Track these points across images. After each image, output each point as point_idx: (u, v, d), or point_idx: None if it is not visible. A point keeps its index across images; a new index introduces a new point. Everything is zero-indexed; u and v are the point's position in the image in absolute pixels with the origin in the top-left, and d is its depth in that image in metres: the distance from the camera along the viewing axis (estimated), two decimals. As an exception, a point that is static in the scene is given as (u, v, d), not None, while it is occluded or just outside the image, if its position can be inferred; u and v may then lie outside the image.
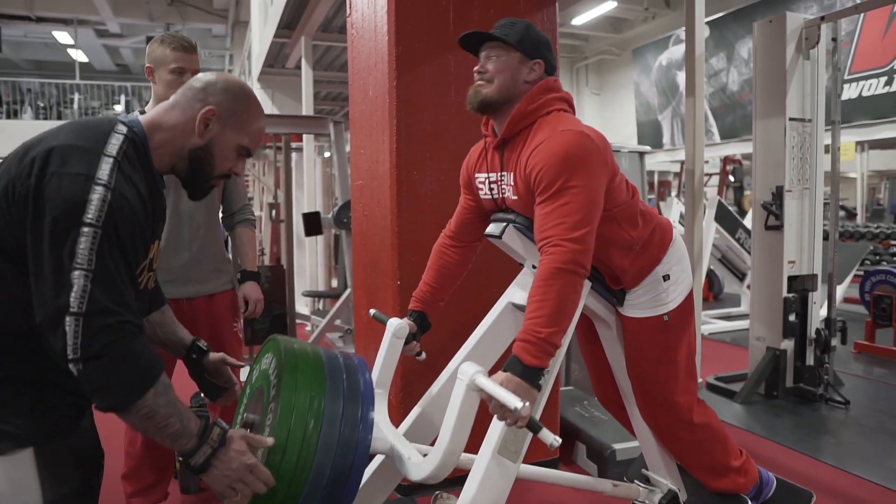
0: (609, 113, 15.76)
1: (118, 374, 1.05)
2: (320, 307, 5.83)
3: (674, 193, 10.78)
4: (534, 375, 1.41)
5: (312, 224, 4.68)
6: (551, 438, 1.32)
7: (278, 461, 1.20)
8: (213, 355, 1.49)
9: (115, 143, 1.13)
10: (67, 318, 1.01)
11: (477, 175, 1.79)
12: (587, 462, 2.74)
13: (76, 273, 1.02)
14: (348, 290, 4.78)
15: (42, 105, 15.21)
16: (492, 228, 1.75)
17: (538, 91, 1.64)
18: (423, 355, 1.90)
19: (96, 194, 1.05)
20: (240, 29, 14.72)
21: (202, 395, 2.97)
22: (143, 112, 2.22)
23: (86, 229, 1.03)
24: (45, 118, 14.96)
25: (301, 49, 5.88)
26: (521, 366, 1.41)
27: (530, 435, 1.56)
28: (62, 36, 15.33)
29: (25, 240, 1.06)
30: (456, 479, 2.21)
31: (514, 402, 1.29)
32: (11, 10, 13.36)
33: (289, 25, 6.11)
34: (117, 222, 1.06)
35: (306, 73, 5.77)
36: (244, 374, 2.18)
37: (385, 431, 1.60)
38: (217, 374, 1.52)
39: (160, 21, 14.41)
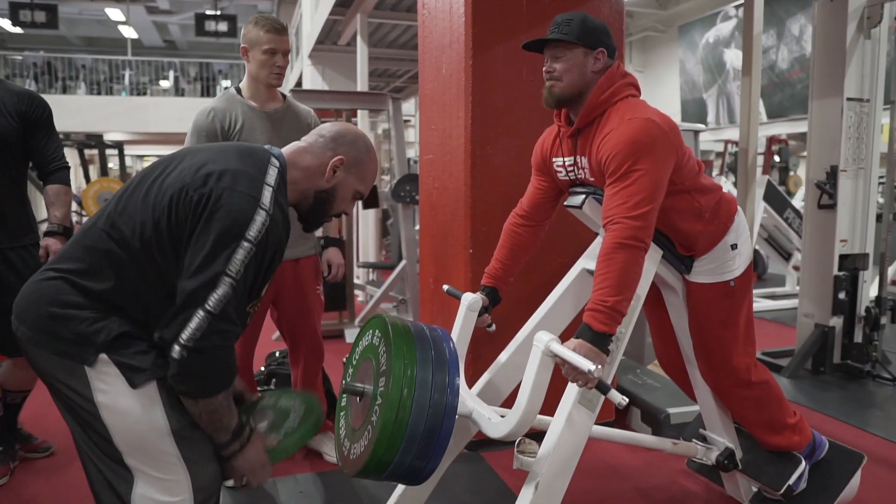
0: (653, 91, 15.56)
1: (208, 372, 1.24)
2: (373, 278, 6.05)
3: (715, 172, 10.70)
4: (603, 341, 1.55)
5: (370, 197, 4.86)
6: (619, 398, 1.46)
7: (381, 421, 1.40)
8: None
9: (272, 175, 1.32)
10: (199, 312, 1.19)
11: (554, 159, 1.91)
12: (641, 425, 2.89)
13: (226, 280, 1.20)
14: (403, 262, 4.97)
15: (88, 80, 15.68)
16: (572, 200, 1.89)
17: (606, 81, 1.74)
18: (494, 327, 2.05)
19: (259, 216, 1.24)
20: (285, 5, 14.90)
21: (276, 353, 3.19)
22: (238, 89, 2.42)
23: (246, 244, 1.21)
24: (98, 93, 15.45)
25: (356, 26, 6.02)
26: (591, 332, 1.55)
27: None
28: (114, 13, 15.74)
29: (183, 234, 1.24)
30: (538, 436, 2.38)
31: (586, 364, 1.44)
32: (68, -12, 13.77)
33: (343, 3, 6.25)
34: (268, 244, 1.25)
35: (362, 51, 5.92)
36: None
37: (465, 395, 1.77)
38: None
39: (208, -3, 14.68)
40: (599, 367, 1.45)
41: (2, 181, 2.36)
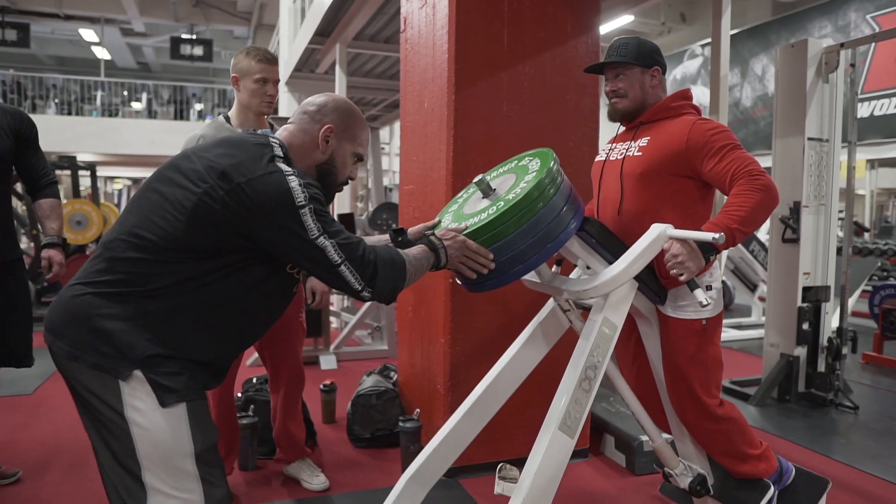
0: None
1: (392, 277, 1.42)
2: (348, 304, 6.06)
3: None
4: (709, 249, 1.74)
5: (347, 225, 4.91)
6: (703, 297, 1.68)
7: (522, 194, 1.58)
8: (414, 228, 1.79)
9: (277, 147, 1.39)
10: (341, 268, 1.35)
11: (604, 146, 2.17)
12: (615, 453, 2.95)
13: (319, 240, 1.32)
14: (379, 289, 4.99)
15: (59, 100, 15.51)
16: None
17: (679, 95, 2.03)
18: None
19: (293, 181, 1.31)
20: (262, 32, 15.01)
21: (254, 379, 3.18)
22: (227, 117, 2.46)
23: (303, 210, 1.30)
24: (68, 113, 15.26)
25: (335, 55, 6.10)
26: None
27: (586, 413, 1.78)
28: (87, 33, 15.64)
29: (223, 229, 1.30)
30: (515, 462, 2.42)
31: (709, 235, 1.64)
32: (41, 8, 13.67)
33: (322, 33, 6.33)
34: (314, 194, 1.34)
35: (340, 80, 5.99)
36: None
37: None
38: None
39: (184, 21, 14.72)
40: (721, 235, 1.65)
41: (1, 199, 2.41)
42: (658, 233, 1.74)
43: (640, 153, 2.00)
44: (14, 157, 2.42)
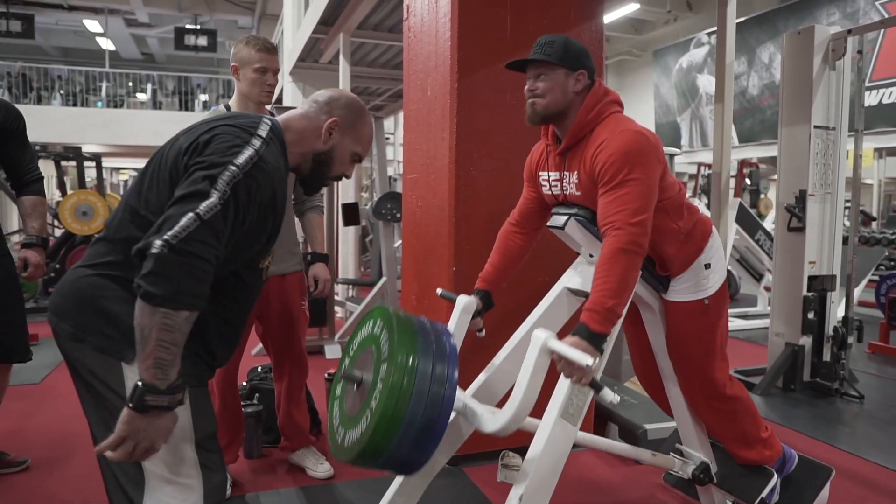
0: (628, 112, 15.72)
1: (182, 278, 1.14)
2: (353, 294, 6.07)
3: (688, 194, 10.94)
4: (599, 340, 1.63)
5: (351, 214, 4.91)
6: (611, 396, 1.53)
7: (380, 408, 1.42)
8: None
9: (264, 129, 1.36)
10: (190, 215, 1.16)
11: (541, 173, 2.00)
12: (619, 441, 2.95)
13: (215, 193, 1.19)
14: (383, 279, 5.00)
15: (64, 91, 15.51)
16: (555, 220, 1.95)
17: (592, 100, 1.83)
18: (484, 332, 2.10)
19: (248, 151, 1.26)
20: (266, 21, 14.97)
21: (259, 368, 3.19)
22: (227, 107, 2.46)
23: (232, 167, 1.22)
24: (73, 105, 15.28)
25: (339, 45, 6.07)
26: (587, 331, 1.62)
27: (589, 399, 1.78)
28: (92, 24, 15.64)
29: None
30: (518, 450, 2.43)
31: (584, 360, 1.51)
32: (46, -1, 13.68)
33: (326, 22, 6.31)
34: (257, 180, 1.25)
35: (344, 69, 5.96)
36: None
37: (459, 393, 1.81)
38: None
39: (188, 12, 14.70)
40: (596, 360, 1.53)
41: None
42: (538, 352, 1.61)
43: (579, 193, 1.86)
44: None
